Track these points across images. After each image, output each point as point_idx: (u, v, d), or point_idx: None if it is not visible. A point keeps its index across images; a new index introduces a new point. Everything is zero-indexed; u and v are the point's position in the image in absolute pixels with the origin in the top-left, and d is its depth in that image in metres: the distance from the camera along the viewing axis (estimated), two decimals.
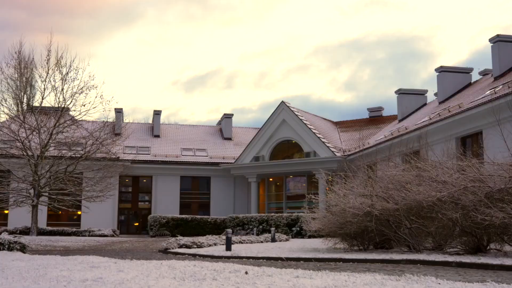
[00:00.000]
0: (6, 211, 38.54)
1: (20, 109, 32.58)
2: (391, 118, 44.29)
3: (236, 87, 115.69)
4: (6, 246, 15.84)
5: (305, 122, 40.25)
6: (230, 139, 49.08)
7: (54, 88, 31.64)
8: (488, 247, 13.39)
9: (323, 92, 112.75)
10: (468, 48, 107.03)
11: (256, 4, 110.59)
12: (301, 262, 12.94)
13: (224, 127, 49.91)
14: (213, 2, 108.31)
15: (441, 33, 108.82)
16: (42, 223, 36.74)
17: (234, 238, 22.47)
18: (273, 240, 24.41)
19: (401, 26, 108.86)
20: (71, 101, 31.78)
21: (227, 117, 50.17)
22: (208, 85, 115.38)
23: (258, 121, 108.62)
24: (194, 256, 15.91)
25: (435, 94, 37.31)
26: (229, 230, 17.72)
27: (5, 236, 16.52)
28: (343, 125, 46.94)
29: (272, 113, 42.00)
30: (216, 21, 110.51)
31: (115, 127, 43.13)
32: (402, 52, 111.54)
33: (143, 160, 43.17)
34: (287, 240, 26.46)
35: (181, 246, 19.33)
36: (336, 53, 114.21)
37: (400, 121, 38.02)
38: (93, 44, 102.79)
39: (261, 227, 33.70)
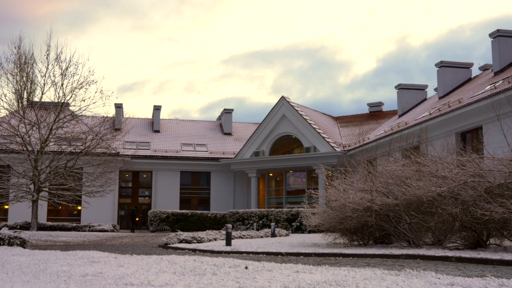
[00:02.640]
0: (6, 206, 38.58)
1: (20, 104, 32.52)
2: (391, 113, 44.31)
3: (168, 92, 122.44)
4: (7, 241, 15.86)
5: (305, 117, 40.23)
6: (230, 134, 49.08)
7: (54, 83, 31.60)
8: (488, 242, 13.40)
9: (256, 96, 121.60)
10: (375, 56, 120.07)
11: (192, 18, 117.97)
12: (301, 257, 12.95)
13: (224, 122, 49.89)
14: (154, 17, 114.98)
15: (347, 44, 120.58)
16: (42, 218, 36.80)
17: (234, 233, 22.49)
18: (273, 235, 24.43)
19: (307, 38, 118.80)
20: (71, 96, 31.77)
21: (227, 112, 50.13)
22: (144, 91, 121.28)
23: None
24: (194, 251, 15.93)
25: (435, 89, 37.28)
26: (229, 225, 17.71)
27: (5, 231, 16.54)
28: (343, 120, 46.94)
29: (272, 108, 41.97)
30: (150, 34, 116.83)
31: (115, 122, 43.09)
32: (316, 60, 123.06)
33: (143, 155, 43.18)
34: (287, 235, 26.48)
35: (181, 241, 19.34)
36: (252, 61, 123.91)
37: (400, 116, 38.01)
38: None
39: (261, 222, 33.73)
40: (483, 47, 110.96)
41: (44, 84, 31.64)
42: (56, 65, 31.50)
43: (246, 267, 8.99)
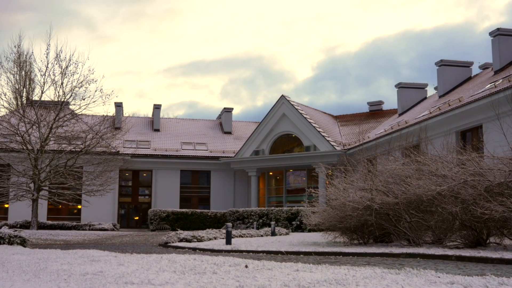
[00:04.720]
0: (6, 205, 38.60)
1: (19, 103, 32.52)
2: (391, 112, 44.30)
3: (120, 99, 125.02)
4: (7, 240, 15.87)
5: (305, 116, 40.23)
6: (230, 133, 49.08)
7: (54, 82, 31.59)
8: (488, 241, 13.40)
9: (207, 100, 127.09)
10: (309, 65, 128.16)
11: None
12: (301, 256, 12.95)
13: (224, 121, 49.88)
14: (104, 29, 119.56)
15: (280, 55, 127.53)
16: (42, 217, 36.81)
17: (234, 232, 22.50)
18: (273, 234, 24.44)
19: (242, 50, 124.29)
20: (71, 95, 31.78)
21: (227, 111, 50.12)
22: (94, 96, 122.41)
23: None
24: (194, 250, 15.94)
25: (435, 88, 37.29)
26: (229, 224, 17.73)
27: (6, 230, 16.54)
28: (343, 119, 46.94)
29: (272, 107, 41.96)
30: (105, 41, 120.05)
31: (115, 121, 43.10)
32: (256, 70, 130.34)
33: (143, 154, 43.18)
34: (287, 234, 26.50)
35: (181, 240, 19.35)
36: (195, 70, 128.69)
37: (400, 115, 38.01)
38: None
39: (261, 221, 33.75)
40: (405, 58, 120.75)
41: (44, 83, 31.67)
42: (56, 64, 31.53)
43: (246, 266, 9.00)
